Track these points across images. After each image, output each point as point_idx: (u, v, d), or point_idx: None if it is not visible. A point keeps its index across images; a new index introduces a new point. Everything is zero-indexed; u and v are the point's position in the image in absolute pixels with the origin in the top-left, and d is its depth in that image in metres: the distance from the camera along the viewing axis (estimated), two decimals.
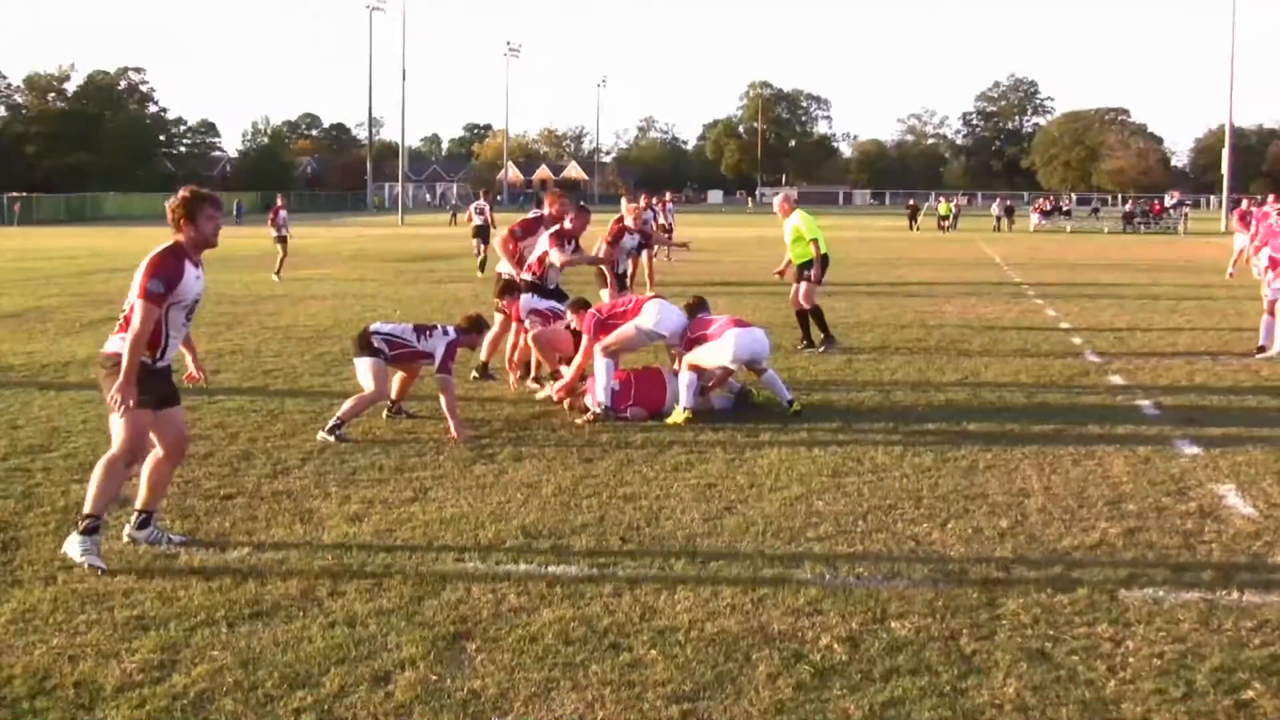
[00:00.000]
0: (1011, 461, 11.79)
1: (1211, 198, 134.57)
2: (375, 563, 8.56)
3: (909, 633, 7.29)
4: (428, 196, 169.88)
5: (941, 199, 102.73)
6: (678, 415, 13.45)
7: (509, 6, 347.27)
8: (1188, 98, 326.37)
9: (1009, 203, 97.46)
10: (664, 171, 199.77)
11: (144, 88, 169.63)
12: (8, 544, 8.95)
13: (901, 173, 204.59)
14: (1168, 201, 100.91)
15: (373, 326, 13.33)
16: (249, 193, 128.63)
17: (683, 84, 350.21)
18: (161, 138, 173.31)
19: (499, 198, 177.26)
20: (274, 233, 36.74)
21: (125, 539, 8.98)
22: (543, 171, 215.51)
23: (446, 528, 9.45)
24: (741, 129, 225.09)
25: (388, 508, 10.01)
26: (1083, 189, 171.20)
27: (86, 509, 8.57)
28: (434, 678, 6.57)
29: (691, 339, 13.90)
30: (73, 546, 8.49)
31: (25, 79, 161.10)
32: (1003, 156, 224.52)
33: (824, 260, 20.17)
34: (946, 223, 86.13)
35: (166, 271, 8.59)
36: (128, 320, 8.50)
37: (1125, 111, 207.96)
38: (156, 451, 8.93)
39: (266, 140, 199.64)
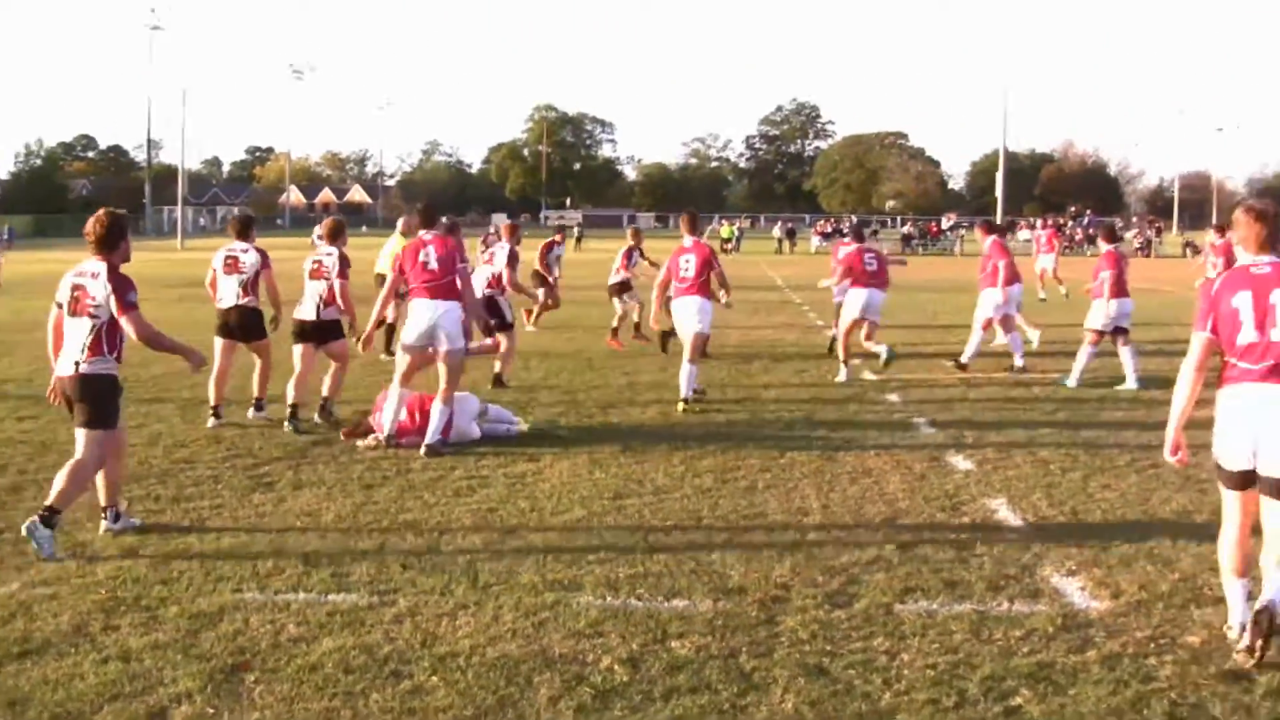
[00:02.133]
0: (791, 481, 11.98)
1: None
2: (150, 595, 8.41)
3: (689, 652, 7.37)
4: (203, 220, 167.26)
5: (724, 221, 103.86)
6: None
7: (292, 28, 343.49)
8: (964, 122, 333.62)
9: (791, 225, 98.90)
10: (449, 195, 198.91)
11: None
12: None
13: (685, 195, 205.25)
14: (945, 224, 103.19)
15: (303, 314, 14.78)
16: (21, 216, 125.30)
17: (467, 107, 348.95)
18: None
19: (279, 220, 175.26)
20: None
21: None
22: (325, 195, 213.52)
23: (224, 558, 9.31)
24: (526, 152, 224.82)
25: (164, 539, 9.83)
26: (863, 211, 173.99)
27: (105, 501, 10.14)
28: (211, 711, 6.49)
29: None
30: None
31: None
32: (785, 179, 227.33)
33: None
34: (729, 245, 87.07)
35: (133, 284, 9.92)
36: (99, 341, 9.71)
37: (904, 135, 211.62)
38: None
39: (39, 162, 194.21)
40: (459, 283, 13.57)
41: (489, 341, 17.55)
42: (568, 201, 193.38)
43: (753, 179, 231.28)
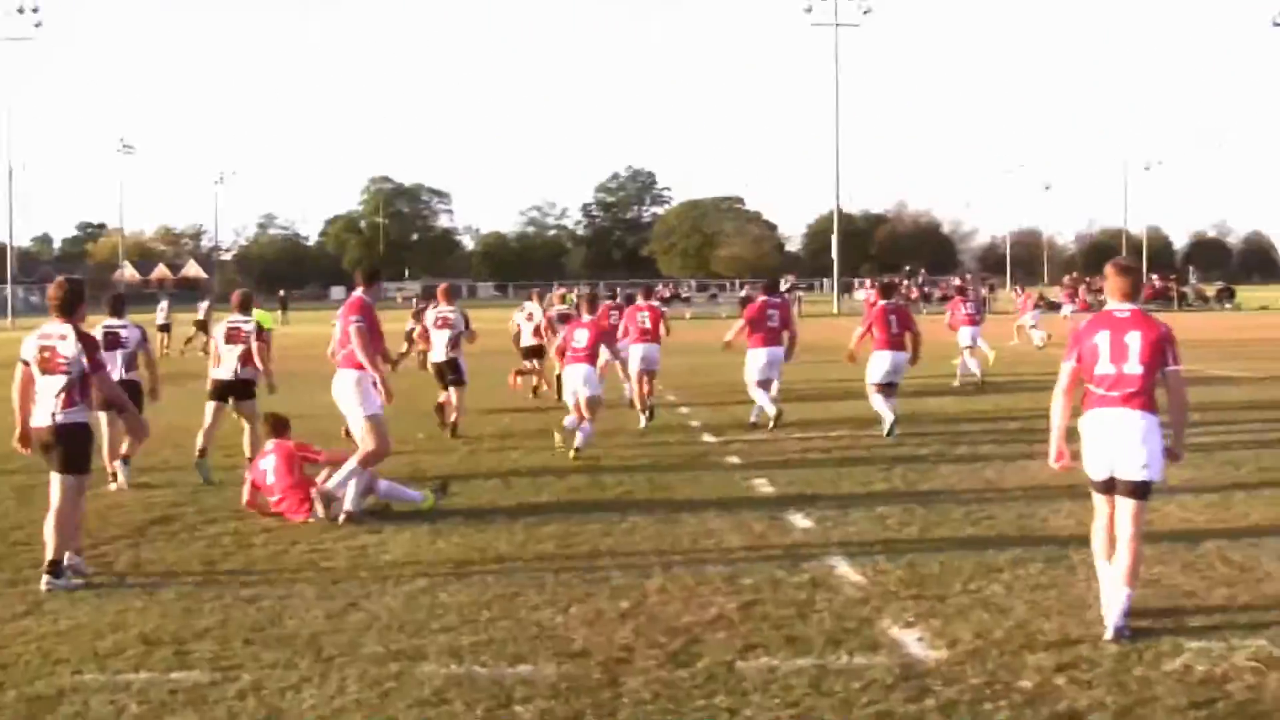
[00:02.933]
0: (633, 544, 12.09)
1: (825, 280, 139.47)
2: None
3: (533, 716, 7.43)
4: (34, 298, 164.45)
5: (562, 289, 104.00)
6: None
7: (122, 102, 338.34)
8: (799, 186, 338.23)
9: (630, 292, 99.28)
10: (284, 268, 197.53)
11: None
12: None
13: (524, 264, 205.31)
14: (782, 286, 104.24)
15: None
16: None
17: (303, 180, 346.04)
18: None
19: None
20: None
21: None
22: (161, 270, 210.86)
23: (63, 640, 9.19)
24: (363, 224, 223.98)
25: None
26: (701, 275, 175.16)
27: None
28: None
29: None
30: None
31: None
32: (623, 246, 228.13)
33: None
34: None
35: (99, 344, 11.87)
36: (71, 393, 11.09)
37: (740, 200, 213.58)
38: None
39: None
40: (357, 346, 13.65)
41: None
42: (405, 273, 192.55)
43: (591, 246, 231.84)
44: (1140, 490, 9.01)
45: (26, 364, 11.25)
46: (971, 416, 21.73)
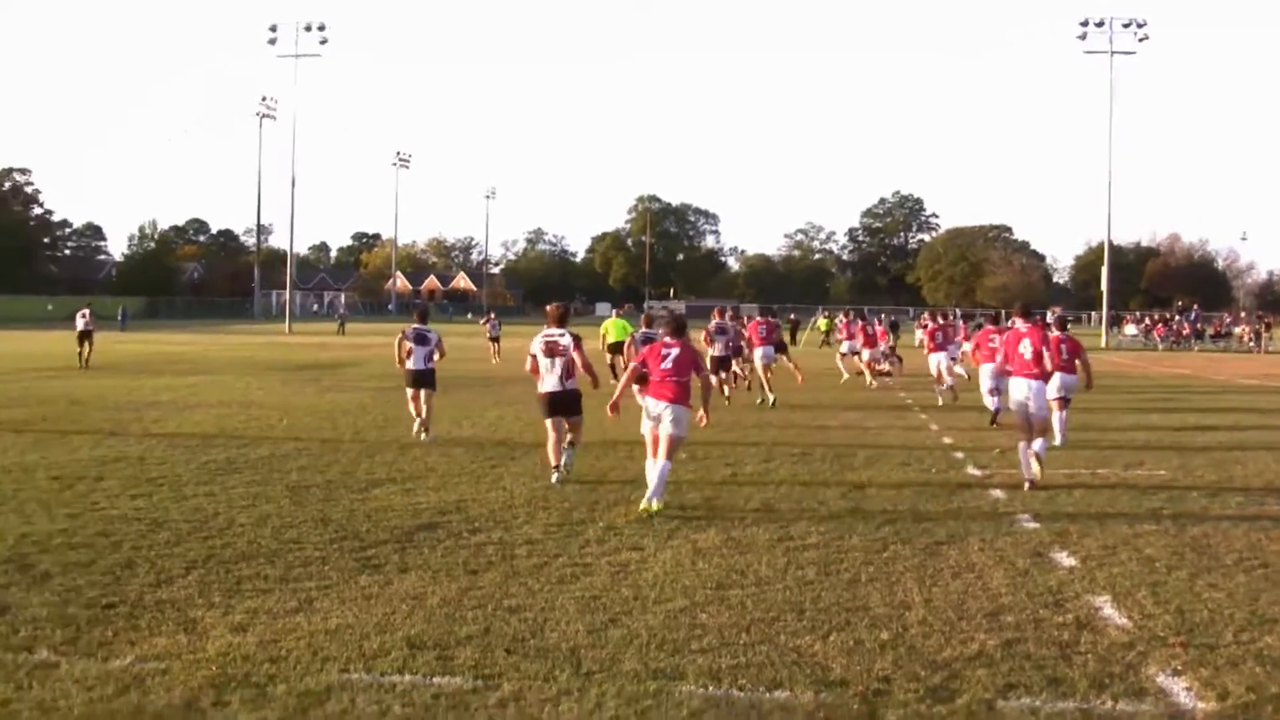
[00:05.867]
0: (893, 574, 11.94)
1: (1093, 313, 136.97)
2: (259, 673, 8.51)
3: None
4: (314, 305, 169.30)
5: (825, 314, 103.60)
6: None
7: (399, 116, 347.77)
8: (1068, 215, 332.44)
9: (894, 318, 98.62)
10: (552, 283, 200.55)
11: (29, 189, 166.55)
12: None
13: (788, 287, 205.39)
14: (1049, 318, 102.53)
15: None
16: (134, 298, 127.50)
17: (571, 196, 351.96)
18: (46, 240, 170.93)
19: (389, 306, 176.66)
20: None
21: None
22: (431, 281, 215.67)
23: (331, 638, 9.41)
24: (630, 242, 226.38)
25: (272, 618, 9.96)
26: (967, 304, 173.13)
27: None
28: None
29: None
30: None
31: None
32: (888, 272, 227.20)
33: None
34: (828, 338, 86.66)
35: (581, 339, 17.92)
36: (569, 370, 17.65)
37: (1008, 229, 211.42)
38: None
39: (153, 245, 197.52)
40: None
41: None
42: (670, 292, 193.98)
43: (856, 271, 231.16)
44: None
45: (534, 355, 17.63)
46: (1243, 461, 21.01)
